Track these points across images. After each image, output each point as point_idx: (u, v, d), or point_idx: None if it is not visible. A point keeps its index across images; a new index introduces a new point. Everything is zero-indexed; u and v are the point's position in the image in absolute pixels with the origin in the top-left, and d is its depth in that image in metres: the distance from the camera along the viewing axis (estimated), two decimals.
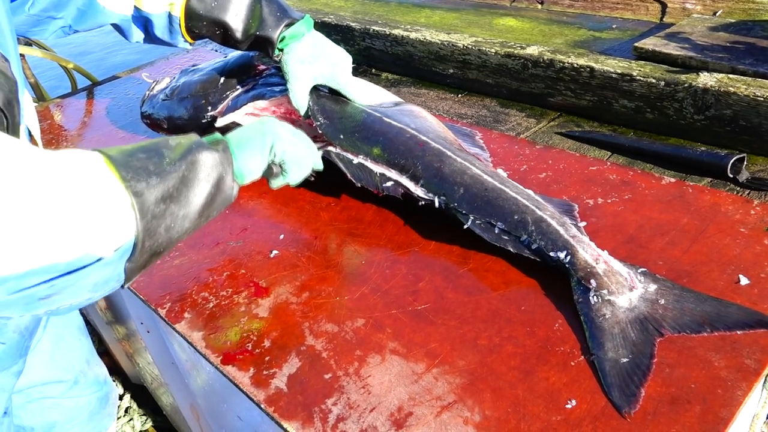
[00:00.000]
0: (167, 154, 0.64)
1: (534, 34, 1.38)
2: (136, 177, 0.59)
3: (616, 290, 0.74)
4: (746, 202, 0.88)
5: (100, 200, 0.55)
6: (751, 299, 0.73)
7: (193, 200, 0.66)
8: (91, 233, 0.54)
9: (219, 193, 0.69)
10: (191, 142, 0.68)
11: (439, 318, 0.77)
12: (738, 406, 0.61)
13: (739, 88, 0.98)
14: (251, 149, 0.77)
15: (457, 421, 0.64)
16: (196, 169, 0.66)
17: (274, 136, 0.80)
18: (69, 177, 0.54)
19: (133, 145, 0.64)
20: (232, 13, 0.96)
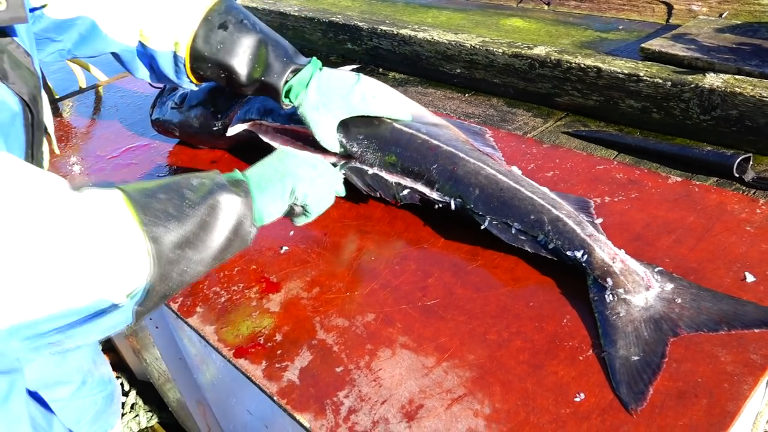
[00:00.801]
0: (188, 195, 0.64)
1: (541, 34, 1.39)
2: (154, 221, 0.58)
3: (633, 289, 0.74)
4: (752, 201, 0.89)
5: (117, 244, 0.55)
6: (757, 296, 0.73)
7: (210, 245, 0.64)
8: (107, 278, 0.54)
9: (236, 238, 0.68)
10: (213, 182, 0.67)
11: (449, 313, 0.78)
12: (744, 400, 0.62)
13: (746, 89, 0.99)
14: (271, 192, 0.75)
15: (467, 413, 0.65)
16: (215, 214, 0.65)
17: (294, 178, 0.78)
18: (87, 218, 0.53)
19: (155, 183, 0.63)
20: (238, 56, 0.93)
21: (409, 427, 0.65)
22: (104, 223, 0.55)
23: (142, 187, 0.61)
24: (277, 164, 0.78)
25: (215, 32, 0.92)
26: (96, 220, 0.54)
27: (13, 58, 0.66)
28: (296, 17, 1.71)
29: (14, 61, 0.66)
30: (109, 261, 0.54)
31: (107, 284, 0.54)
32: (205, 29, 0.92)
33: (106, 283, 0.54)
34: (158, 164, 1.24)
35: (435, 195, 0.91)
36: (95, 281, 0.53)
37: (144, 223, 0.57)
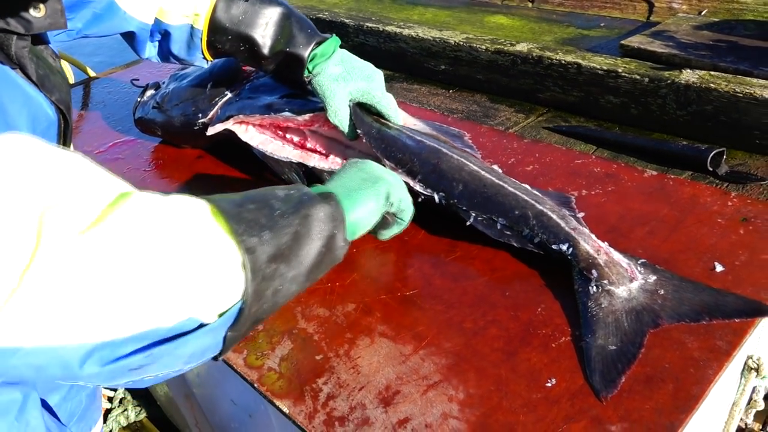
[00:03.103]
0: (278, 206, 0.59)
1: (524, 31, 1.41)
2: (248, 231, 0.53)
3: (617, 280, 0.76)
4: (724, 194, 0.91)
5: (208, 256, 0.50)
6: (725, 285, 0.76)
7: (304, 260, 0.59)
8: (197, 294, 0.49)
9: (329, 253, 0.63)
10: (301, 193, 0.62)
11: (427, 303, 0.80)
12: (709, 384, 0.64)
13: (720, 85, 1.01)
14: (365, 200, 0.70)
15: (442, 398, 0.67)
16: (308, 225, 0.60)
17: (386, 184, 0.72)
18: (175, 228, 0.49)
19: (238, 194, 0.59)
20: (261, 27, 0.90)
21: (385, 412, 0.66)
22: (193, 231, 0.50)
23: (227, 197, 0.57)
24: (359, 173, 0.73)
25: (236, 3, 0.90)
26: (184, 228, 0.49)
27: (48, 63, 0.64)
28: None
29: (48, 66, 0.64)
30: (199, 273, 0.49)
31: (198, 301, 0.49)
32: (225, 1, 0.90)
33: (197, 300, 0.49)
34: (145, 159, 1.26)
35: (418, 186, 0.92)
36: (185, 297, 0.48)
37: (237, 233, 0.52)
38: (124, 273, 0.45)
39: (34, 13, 0.59)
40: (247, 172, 1.13)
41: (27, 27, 0.59)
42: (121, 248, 0.45)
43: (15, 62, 0.59)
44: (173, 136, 1.24)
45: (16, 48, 0.58)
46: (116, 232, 0.45)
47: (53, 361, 0.44)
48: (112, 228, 0.45)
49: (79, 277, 0.43)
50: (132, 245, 0.45)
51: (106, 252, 0.44)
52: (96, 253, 0.43)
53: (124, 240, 0.45)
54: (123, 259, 0.45)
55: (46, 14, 0.60)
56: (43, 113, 0.61)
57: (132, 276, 0.45)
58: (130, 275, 0.45)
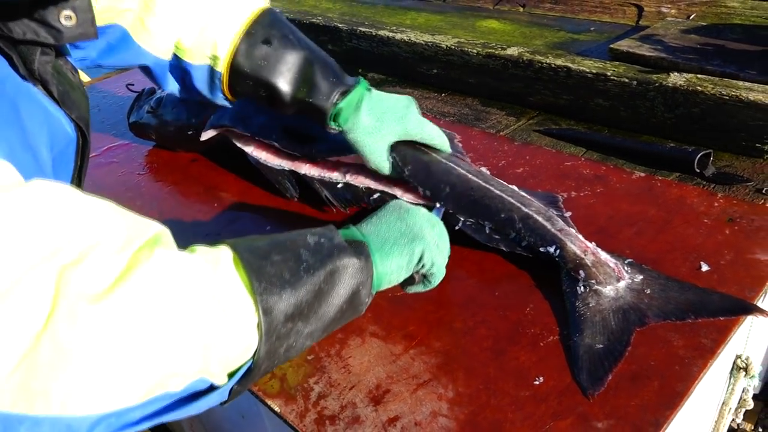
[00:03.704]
0: (305, 257, 0.56)
1: (515, 35, 1.42)
2: (268, 289, 0.52)
3: (605, 280, 0.77)
4: (710, 195, 0.92)
5: (223, 319, 0.48)
6: (710, 284, 0.77)
7: (324, 317, 0.57)
8: (210, 357, 0.48)
9: (350, 308, 0.61)
10: (332, 244, 0.60)
11: (417, 303, 0.81)
12: (693, 381, 0.65)
13: (707, 88, 1.03)
14: (397, 259, 0.66)
15: (431, 397, 0.68)
16: (334, 281, 0.58)
17: (423, 243, 0.68)
18: (191, 292, 0.47)
19: (267, 239, 0.57)
20: (281, 74, 0.85)
21: (375, 411, 0.67)
22: (212, 290, 0.48)
23: (254, 245, 0.55)
24: (399, 223, 0.68)
25: (258, 47, 0.85)
26: (202, 287, 0.48)
27: (68, 79, 0.63)
28: None
29: (69, 82, 0.62)
30: (214, 336, 0.48)
31: (210, 363, 0.48)
32: (246, 44, 0.85)
33: (209, 362, 0.48)
34: (139, 163, 1.26)
35: (407, 197, 0.92)
36: (198, 361, 0.47)
37: (256, 291, 0.51)
38: (139, 342, 0.44)
39: (65, 22, 0.56)
40: (242, 176, 1.14)
41: (57, 37, 0.57)
42: (138, 316, 0.44)
43: (37, 78, 0.57)
44: (167, 141, 1.25)
45: (39, 63, 0.57)
46: (133, 299, 0.44)
47: (60, 430, 0.42)
48: (128, 295, 0.44)
49: (93, 345, 0.42)
50: (145, 315, 0.44)
51: (122, 321, 0.43)
52: (111, 322, 0.43)
53: (140, 308, 0.44)
54: (139, 327, 0.44)
55: (77, 23, 0.57)
56: (63, 131, 0.60)
57: (144, 346, 0.44)
58: (143, 346, 0.44)
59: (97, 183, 1.21)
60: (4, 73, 0.54)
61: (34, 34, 0.55)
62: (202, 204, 1.09)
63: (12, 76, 0.55)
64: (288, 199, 1.04)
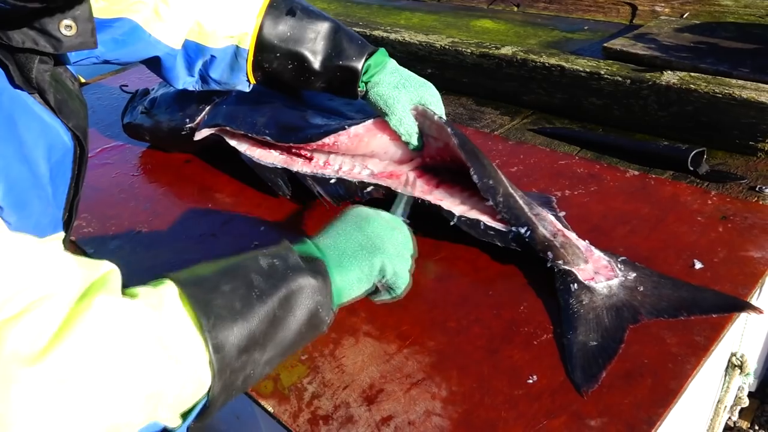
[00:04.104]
0: (257, 282, 0.54)
1: (509, 35, 1.43)
2: (219, 324, 0.49)
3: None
4: (704, 193, 0.92)
5: (171, 362, 0.47)
6: (704, 281, 0.77)
7: (281, 343, 0.56)
8: (160, 403, 0.46)
9: (310, 329, 0.59)
10: (286, 265, 0.58)
11: (411, 303, 0.81)
12: (686, 378, 0.65)
13: (700, 86, 1.03)
14: (356, 273, 0.64)
15: (425, 396, 0.68)
16: (290, 305, 0.56)
17: (383, 255, 0.66)
18: (135, 341, 0.45)
19: (215, 266, 0.55)
20: (310, 42, 0.87)
21: (369, 410, 0.67)
22: (156, 334, 0.46)
23: (200, 276, 0.53)
24: (357, 234, 0.67)
25: (284, 19, 0.87)
26: (145, 333, 0.46)
27: (66, 87, 0.62)
28: None
29: (67, 90, 0.62)
30: (161, 382, 0.46)
31: (158, 409, 0.46)
32: (271, 17, 0.87)
33: (156, 409, 0.46)
34: (133, 164, 1.26)
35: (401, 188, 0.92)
36: (145, 409, 0.45)
37: (205, 329, 0.49)
38: (80, 400, 0.42)
39: (65, 32, 0.56)
40: (235, 176, 1.14)
41: (56, 46, 0.56)
42: (76, 374, 0.42)
43: (34, 86, 0.56)
44: (161, 141, 1.25)
45: (37, 71, 0.56)
46: (70, 356, 0.42)
47: None
48: (65, 352, 0.42)
49: (30, 410, 0.40)
50: (86, 369, 0.42)
51: (59, 381, 0.41)
52: (47, 384, 0.41)
53: (78, 365, 0.42)
54: (78, 385, 0.42)
55: (77, 33, 0.56)
56: (60, 141, 0.58)
57: (88, 402, 0.42)
58: (87, 402, 0.42)
59: (91, 185, 1.20)
60: (1, 85, 0.53)
61: (33, 42, 0.54)
62: (196, 204, 1.09)
63: (8, 88, 0.54)
64: (281, 197, 1.03)
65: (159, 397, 0.46)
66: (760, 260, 0.79)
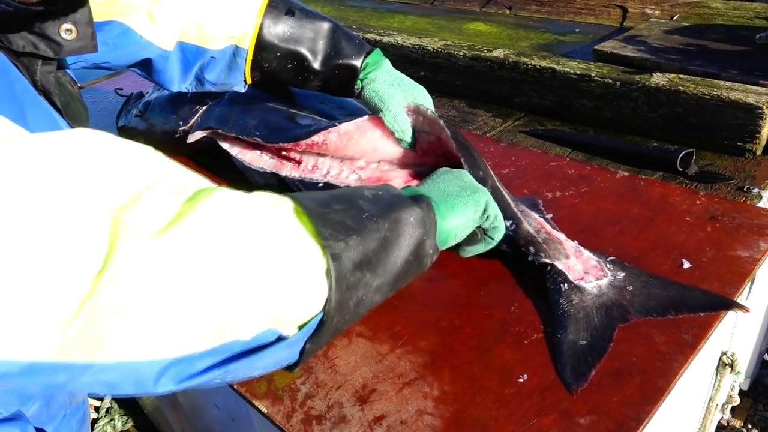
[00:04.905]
0: (366, 207, 0.54)
1: (501, 38, 1.44)
2: (335, 235, 0.49)
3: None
4: (693, 194, 0.93)
5: (291, 262, 0.46)
6: (692, 281, 0.78)
7: (391, 269, 0.55)
8: (279, 305, 0.45)
9: (416, 262, 0.58)
10: (390, 195, 0.58)
11: (404, 303, 0.82)
12: (674, 376, 0.66)
13: (688, 87, 1.04)
14: (462, 209, 0.65)
15: (417, 396, 0.69)
16: (398, 230, 0.55)
17: (486, 196, 0.68)
18: (256, 231, 0.44)
19: (324, 193, 0.54)
20: (309, 42, 0.89)
21: (361, 410, 0.68)
22: (276, 234, 0.46)
23: (312, 195, 0.52)
24: (457, 180, 0.68)
25: (283, 19, 0.88)
26: (267, 231, 0.45)
27: (68, 90, 0.62)
28: None
29: (69, 93, 0.61)
30: (282, 283, 0.45)
31: (280, 312, 0.45)
32: (271, 16, 0.88)
33: (278, 311, 0.45)
34: None
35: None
36: (266, 308, 0.44)
37: (323, 236, 0.48)
38: (203, 281, 0.41)
39: (65, 36, 0.56)
40: (231, 180, 1.14)
41: (56, 50, 0.56)
42: (200, 254, 0.41)
43: (40, 88, 0.56)
44: (156, 144, 1.25)
45: (41, 74, 0.56)
46: (193, 235, 0.41)
47: (127, 377, 0.40)
48: (188, 231, 0.41)
49: (156, 285, 0.39)
50: (210, 251, 0.42)
51: (184, 258, 0.40)
52: (173, 260, 0.40)
53: (202, 245, 0.41)
54: (201, 265, 0.41)
55: (77, 36, 0.56)
56: None
57: (211, 285, 0.41)
58: (209, 284, 0.41)
59: None
60: (14, 75, 0.53)
61: (33, 47, 0.54)
62: None
63: (22, 79, 0.54)
64: None
65: (279, 294, 0.45)
66: (747, 259, 0.80)
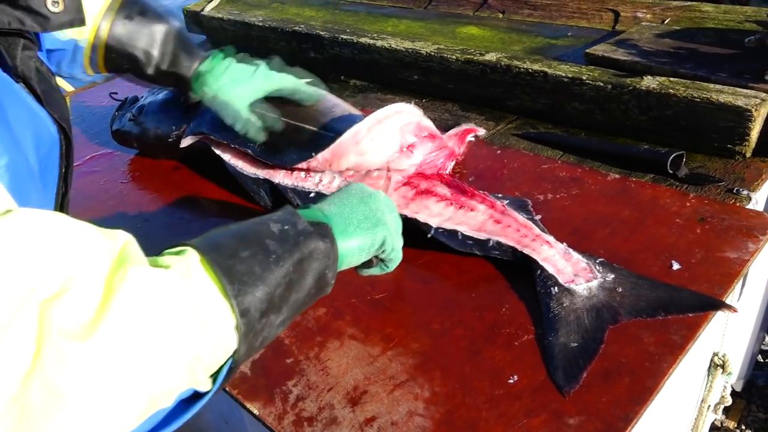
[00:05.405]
0: (272, 248, 0.55)
1: (494, 41, 1.44)
2: (243, 289, 0.50)
3: None
4: (683, 195, 0.94)
5: (203, 326, 0.47)
6: (681, 282, 0.79)
7: (293, 305, 0.57)
8: (196, 367, 0.47)
9: (317, 292, 0.60)
10: (296, 231, 0.58)
11: (396, 305, 0.82)
12: (663, 377, 0.67)
13: (678, 90, 1.05)
14: (359, 242, 0.65)
15: (408, 397, 0.69)
16: (303, 268, 0.57)
17: (386, 230, 0.68)
18: (171, 311, 0.46)
19: (230, 234, 0.55)
20: (144, 47, 0.94)
21: (352, 411, 0.68)
22: (190, 303, 0.47)
23: (218, 242, 0.53)
24: (362, 206, 0.68)
25: (122, 21, 0.92)
26: (182, 303, 0.47)
27: (47, 78, 0.60)
28: (261, 27, 1.74)
29: (48, 82, 0.60)
30: (198, 348, 0.47)
31: (197, 374, 0.47)
32: (108, 19, 0.91)
33: (195, 374, 0.47)
34: (122, 171, 1.27)
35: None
36: (186, 375, 0.46)
37: (232, 294, 0.49)
38: (130, 371, 0.43)
39: (52, 8, 0.54)
40: (223, 184, 1.15)
41: (44, 24, 0.54)
42: (125, 346, 0.43)
43: (19, 75, 0.55)
44: (149, 148, 1.26)
45: (21, 59, 0.54)
46: (118, 329, 0.43)
47: None
48: (113, 326, 0.43)
49: (85, 384, 0.41)
50: (134, 341, 0.43)
51: (110, 354, 0.42)
52: (99, 357, 0.41)
53: (126, 337, 0.43)
54: (128, 357, 0.43)
55: (65, 8, 0.55)
56: (47, 133, 0.57)
57: (137, 373, 0.43)
58: (136, 372, 0.43)
59: (80, 192, 1.21)
60: None
61: (20, 23, 0.53)
62: (185, 211, 1.10)
63: None
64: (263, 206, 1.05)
65: (197, 363, 0.47)
66: (736, 261, 0.81)
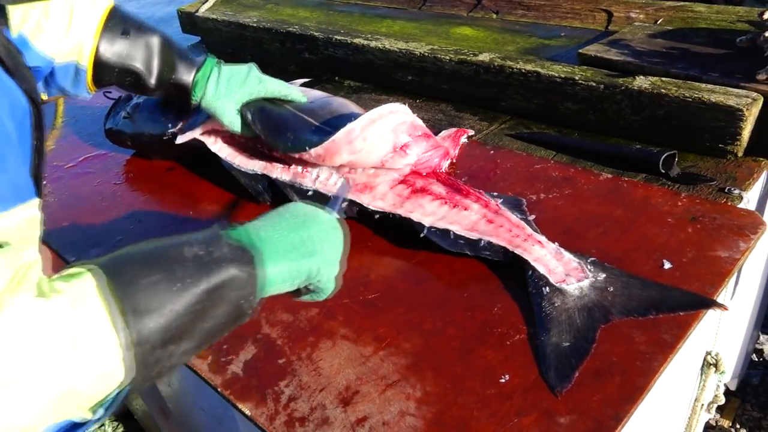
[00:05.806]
0: (181, 275, 0.52)
1: (488, 42, 1.45)
2: (135, 320, 0.48)
3: None
4: (674, 195, 0.94)
5: (82, 358, 0.46)
6: (672, 281, 0.79)
7: (203, 334, 0.54)
8: (68, 403, 0.46)
9: (231, 322, 0.56)
10: (212, 257, 0.54)
11: (388, 305, 0.82)
12: (654, 375, 0.67)
13: (671, 90, 1.05)
14: (288, 272, 0.61)
15: (399, 397, 0.69)
16: (211, 299, 0.53)
17: (316, 261, 0.63)
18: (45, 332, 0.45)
19: (139, 255, 0.53)
20: (145, 62, 0.97)
21: (344, 411, 0.68)
22: (70, 334, 0.46)
23: (123, 266, 0.51)
24: (293, 234, 0.63)
25: (118, 39, 0.95)
26: (58, 334, 0.46)
27: (13, 53, 0.59)
28: (255, 28, 1.74)
29: (14, 56, 0.59)
30: (73, 383, 0.46)
31: (69, 409, 0.46)
32: (107, 38, 0.94)
33: (68, 409, 0.46)
34: (116, 172, 1.27)
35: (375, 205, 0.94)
36: (55, 407, 0.45)
37: (119, 327, 0.47)
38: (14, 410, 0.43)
39: None
40: (218, 184, 1.15)
41: None
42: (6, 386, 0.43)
43: None
44: (143, 147, 1.25)
45: None
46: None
47: None
48: None
49: None
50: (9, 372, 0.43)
51: None
52: None
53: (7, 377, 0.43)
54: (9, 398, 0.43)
55: None
56: (19, 102, 0.56)
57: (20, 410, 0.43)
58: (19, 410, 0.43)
59: (73, 193, 1.21)
60: None
61: None
62: (179, 212, 1.10)
63: None
64: (260, 203, 1.04)
65: (69, 398, 0.46)
66: (727, 260, 0.81)
